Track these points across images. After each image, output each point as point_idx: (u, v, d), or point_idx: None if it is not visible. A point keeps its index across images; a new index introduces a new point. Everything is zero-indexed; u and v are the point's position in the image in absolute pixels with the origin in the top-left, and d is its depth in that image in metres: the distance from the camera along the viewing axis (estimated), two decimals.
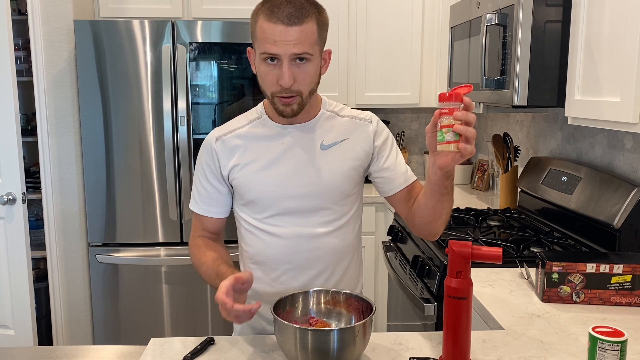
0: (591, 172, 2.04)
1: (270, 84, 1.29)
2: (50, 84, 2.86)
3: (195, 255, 1.43)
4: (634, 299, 1.48)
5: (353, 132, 1.41)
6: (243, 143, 1.40)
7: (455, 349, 1.13)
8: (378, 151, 1.42)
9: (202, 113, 2.84)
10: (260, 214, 1.40)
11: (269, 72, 1.28)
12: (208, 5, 3.07)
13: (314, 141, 1.39)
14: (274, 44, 1.24)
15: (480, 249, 1.12)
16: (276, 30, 1.24)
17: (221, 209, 1.45)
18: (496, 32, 1.97)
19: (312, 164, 1.37)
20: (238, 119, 1.45)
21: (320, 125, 1.40)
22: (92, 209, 2.87)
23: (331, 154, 1.39)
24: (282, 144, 1.38)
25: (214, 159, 1.42)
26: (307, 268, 1.40)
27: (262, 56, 1.27)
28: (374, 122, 1.44)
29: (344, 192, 1.40)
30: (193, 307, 2.96)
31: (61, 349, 1.40)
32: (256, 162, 1.38)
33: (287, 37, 1.24)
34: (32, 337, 2.82)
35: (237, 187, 1.41)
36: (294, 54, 1.25)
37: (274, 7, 1.24)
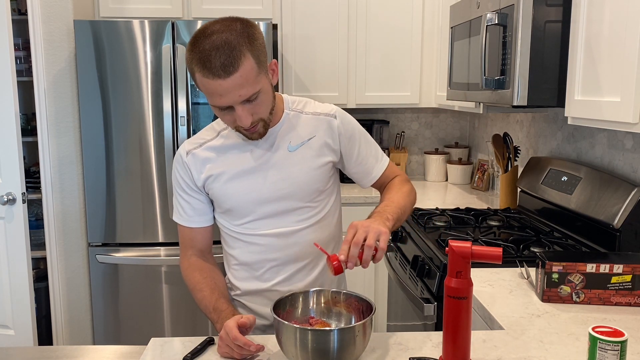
0: (591, 172, 2.04)
1: (230, 123, 1.31)
2: (50, 84, 2.86)
3: (190, 279, 1.44)
4: (634, 299, 1.48)
5: (318, 129, 1.43)
6: (213, 155, 1.41)
7: (455, 349, 1.13)
8: (346, 148, 1.45)
9: (202, 113, 2.84)
10: (239, 220, 1.43)
11: (225, 115, 1.29)
12: (208, 5, 3.07)
13: (281, 145, 1.40)
14: (222, 97, 1.23)
15: (480, 249, 1.12)
16: (216, 85, 1.20)
17: (206, 217, 1.47)
18: (496, 32, 1.97)
19: (282, 167, 1.40)
20: (206, 131, 1.46)
21: (285, 128, 1.42)
22: (92, 209, 2.87)
23: (300, 155, 1.41)
24: (251, 151, 1.40)
25: (187, 172, 1.43)
26: (290, 262, 1.44)
27: (215, 108, 1.28)
28: (339, 116, 1.45)
29: (317, 189, 1.43)
30: (193, 307, 2.96)
31: (61, 349, 1.40)
32: (228, 172, 1.40)
33: (229, 87, 1.21)
34: (32, 337, 2.82)
35: (214, 197, 1.44)
36: (243, 99, 1.24)
37: (205, 61, 1.19)
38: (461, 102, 2.70)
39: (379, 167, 1.51)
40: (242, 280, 1.48)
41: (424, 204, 2.83)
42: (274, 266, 1.44)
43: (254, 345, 1.18)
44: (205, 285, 1.40)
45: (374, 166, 1.50)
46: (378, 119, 3.60)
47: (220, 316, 1.30)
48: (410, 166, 3.71)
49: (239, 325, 1.20)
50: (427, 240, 2.07)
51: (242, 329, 1.21)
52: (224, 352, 1.21)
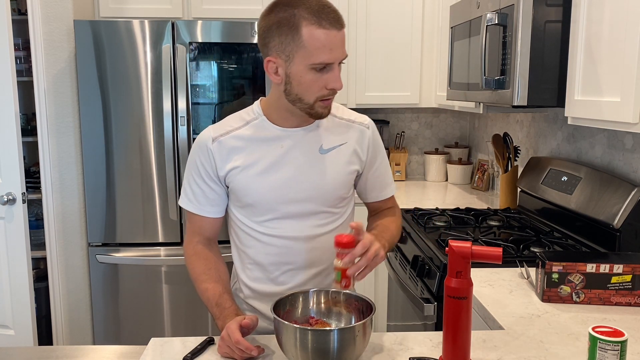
0: (591, 172, 2.04)
1: (317, 90, 1.26)
2: (50, 84, 2.86)
3: (193, 267, 1.41)
4: (634, 299, 1.48)
5: (351, 136, 1.41)
6: (241, 145, 1.36)
7: (455, 349, 1.13)
8: (370, 160, 1.45)
9: (202, 113, 2.84)
10: (259, 217, 1.39)
11: (317, 80, 1.25)
12: (208, 5, 3.07)
13: (313, 145, 1.37)
14: (330, 52, 1.21)
15: (480, 249, 1.12)
16: (331, 36, 1.20)
17: (218, 209, 1.43)
18: (496, 32, 1.97)
19: (311, 168, 1.36)
20: (233, 119, 1.41)
21: (320, 129, 1.39)
22: (92, 209, 2.87)
23: (330, 158, 1.38)
24: (281, 147, 1.36)
25: (209, 160, 1.37)
26: (305, 268, 1.41)
27: (315, 66, 1.23)
28: (371, 128, 1.45)
29: (341, 196, 1.41)
30: (193, 307, 2.96)
31: (61, 349, 1.40)
32: (255, 165, 1.35)
33: (338, 41, 1.22)
34: (32, 337, 2.82)
35: (235, 190, 1.38)
36: (341, 60, 1.25)
37: (321, 12, 1.20)
38: (461, 102, 2.70)
39: (391, 189, 1.52)
40: (256, 281, 1.45)
41: (424, 204, 2.83)
42: (290, 270, 1.41)
43: (256, 349, 1.17)
44: (208, 277, 1.37)
45: (387, 186, 1.51)
46: (378, 119, 3.60)
47: (222, 313, 1.29)
48: (410, 166, 3.71)
49: (241, 326, 1.19)
50: (427, 240, 2.07)
51: (244, 329, 1.20)
52: (225, 353, 1.21)
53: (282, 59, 1.26)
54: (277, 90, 1.33)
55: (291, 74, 1.26)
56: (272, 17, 1.25)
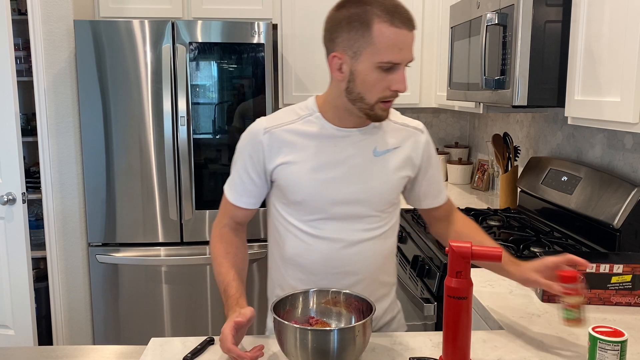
0: (591, 172, 2.04)
1: (380, 90, 1.23)
2: (50, 84, 2.86)
3: (214, 249, 1.39)
4: (634, 299, 1.48)
5: (405, 140, 1.38)
6: (294, 140, 1.32)
7: (455, 349, 1.13)
8: (424, 165, 1.41)
9: (202, 113, 2.84)
10: (306, 216, 1.34)
11: (382, 79, 1.22)
12: (208, 5, 3.07)
13: (367, 147, 1.33)
14: (400, 51, 1.19)
15: (480, 248, 1.12)
16: (402, 35, 1.18)
17: (253, 200, 1.39)
18: (496, 32, 1.97)
19: (363, 170, 1.33)
20: (286, 112, 1.36)
21: (374, 131, 1.35)
22: (92, 209, 2.87)
23: (383, 162, 1.34)
24: (334, 146, 1.32)
25: (258, 151, 1.33)
26: (347, 274, 1.36)
27: (382, 65, 1.20)
28: (425, 132, 1.42)
29: (390, 200, 1.37)
30: (193, 307, 2.96)
31: (61, 349, 1.40)
32: (306, 162, 1.31)
33: (408, 42, 1.20)
34: (32, 337, 2.82)
35: (282, 186, 1.34)
36: (408, 62, 1.22)
37: (394, 11, 1.18)
38: (461, 102, 2.70)
39: (445, 195, 1.49)
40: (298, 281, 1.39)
41: None
42: (330, 274, 1.35)
43: (248, 355, 1.14)
44: (225, 261, 1.35)
45: (441, 191, 1.48)
46: None
47: (227, 302, 1.27)
48: None
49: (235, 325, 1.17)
50: (427, 240, 2.07)
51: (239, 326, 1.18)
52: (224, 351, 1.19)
53: (348, 56, 1.23)
54: (337, 88, 1.29)
55: (356, 72, 1.23)
56: (344, 12, 1.22)
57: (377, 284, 1.40)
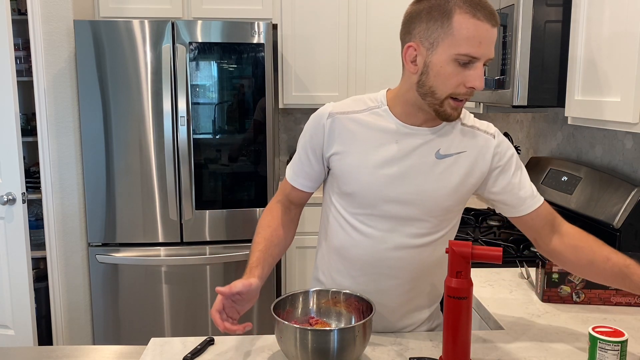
0: (591, 172, 2.04)
1: (454, 85, 1.18)
2: (50, 84, 2.86)
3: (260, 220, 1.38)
4: (634, 299, 1.48)
5: (472, 145, 1.30)
6: (357, 129, 1.28)
7: (455, 349, 1.13)
8: (496, 171, 1.32)
9: (202, 113, 2.84)
10: (355, 209, 1.30)
11: (458, 74, 1.17)
12: (208, 5, 3.07)
13: (430, 148, 1.27)
14: (479, 45, 1.14)
15: (480, 249, 1.12)
16: (483, 29, 1.13)
17: (309, 184, 1.37)
18: None
19: (423, 171, 1.27)
20: (355, 101, 1.32)
21: (441, 133, 1.28)
22: (92, 209, 2.87)
23: (445, 165, 1.27)
24: (396, 142, 1.27)
25: (319, 135, 1.30)
26: (388, 276, 1.32)
27: (459, 57, 1.15)
28: (497, 137, 1.32)
29: (447, 207, 1.30)
30: (193, 307, 2.96)
31: (61, 349, 1.40)
32: (364, 154, 1.27)
33: (490, 37, 1.15)
34: (32, 337, 2.82)
35: (337, 175, 1.31)
36: (488, 60, 1.17)
37: (476, 4, 1.14)
38: None
39: (534, 201, 1.33)
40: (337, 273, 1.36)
41: None
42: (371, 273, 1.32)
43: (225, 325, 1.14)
44: (262, 232, 1.34)
45: (524, 199, 1.32)
46: None
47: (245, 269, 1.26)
48: None
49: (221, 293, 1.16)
50: None
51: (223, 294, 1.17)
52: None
53: (424, 47, 1.19)
54: (409, 81, 1.25)
55: (431, 63, 1.18)
56: (425, 3, 1.19)
57: (417, 293, 1.35)
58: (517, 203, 1.32)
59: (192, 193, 2.87)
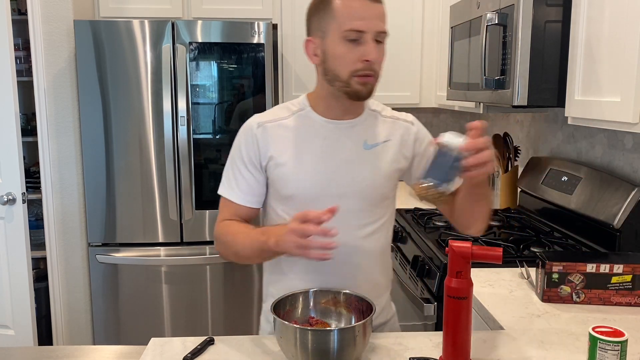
0: (591, 172, 2.04)
1: (350, 63, 1.24)
2: (50, 84, 2.86)
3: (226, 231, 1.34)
4: (634, 299, 1.48)
5: (395, 133, 1.39)
6: (284, 134, 1.34)
7: (455, 349, 1.13)
8: (420, 150, 1.41)
9: (202, 113, 2.84)
10: (297, 211, 1.29)
11: (350, 51, 1.24)
12: (208, 5, 3.07)
13: (357, 139, 1.35)
14: (362, 19, 1.22)
15: (480, 249, 1.12)
16: (361, 4, 1.22)
17: (258, 199, 1.38)
18: (496, 32, 1.97)
19: (354, 162, 1.33)
20: (279, 109, 1.39)
21: (364, 124, 1.37)
22: (92, 209, 2.87)
23: (374, 154, 1.35)
24: (324, 139, 1.33)
25: (254, 145, 1.35)
26: (339, 271, 1.34)
27: (346, 34, 1.23)
28: (416, 124, 1.43)
29: (383, 194, 1.37)
30: (193, 307, 2.96)
31: (61, 349, 1.40)
32: (296, 156, 1.32)
33: (372, 12, 1.23)
34: (32, 337, 2.82)
35: (274, 181, 1.35)
36: (378, 32, 1.24)
37: None
38: (461, 102, 2.70)
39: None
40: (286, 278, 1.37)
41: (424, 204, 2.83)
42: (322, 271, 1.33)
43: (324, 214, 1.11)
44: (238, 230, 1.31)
45: None
46: None
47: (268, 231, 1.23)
48: None
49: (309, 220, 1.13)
50: (427, 240, 2.07)
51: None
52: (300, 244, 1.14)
53: (319, 38, 1.28)
54: (319, 75, 1.33)
55: (327, 49, 1.27)
56: (313, 1, 1.30)
57: (370, 284, 1.38)
58: None
59: (192, 193, 2.87)
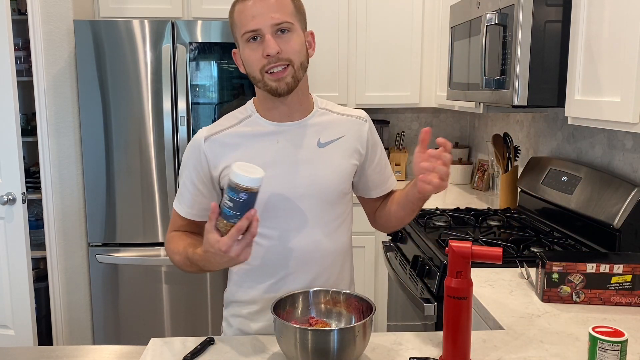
0: (591, 172, 2.04)
1: (256, 62, 1.26)
2: (50, 84, 2.86)
3: (168, 248, 1.39)
4: (634, 299, 1.48)
5: (349, 130, 1.40)
6: (235, 142, 1.33)
7: (455, 349, 1.13)
8: (370, 154, 1.43)
9: (202, 113, 2.84)
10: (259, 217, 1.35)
11: (253, 51, 1.26)
12: (208, 5, 3.07)
13: (310, 138, 1.35)
14: (253, 18, 1.24)
15: (480, 249, 1.12)
16: (249, 6, 1.25)
17: (204, 213, 1.35)
18: (496, 32, 1.97)
19: (309, 162, 1.33)
20: (227, 118, 1.38)
21: (315, 123, 1.37)
22: (92, 209, 2.87)
23: (329, 152, 1.35)
24: (277, 142, 1.33)
25: (201, 161, 1.33)
26: (303, 273, 1.35)
27: (245, 37, 1.26)
28: (368, 121, 1.44)
29: (341, 191, 1.37)
30: (193, 307, 2.96)
31: (61, 349, 1.40)
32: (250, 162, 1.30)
33: (262, 8, 1.24)
34: (32, 337, 2.82)
35: None
36: (274, 25, 1.24)
37: None
38: (461, 102, 2.70)
39: (393, 181, 1.50)
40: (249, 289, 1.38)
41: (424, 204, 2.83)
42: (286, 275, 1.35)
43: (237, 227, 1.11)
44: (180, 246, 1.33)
45: (389, 177, 1.49)
46: (378, 118, 3.60)
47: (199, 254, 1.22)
48: (410, 166, 3.71)
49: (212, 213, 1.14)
50: (427, 240, 2.07)
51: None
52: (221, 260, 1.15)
53: (237, 48, 1.34)
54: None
55: (242, 55, 1.31)
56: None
57: (335, 281, 1.39)
58: (384, 181, 1.47)
59: None
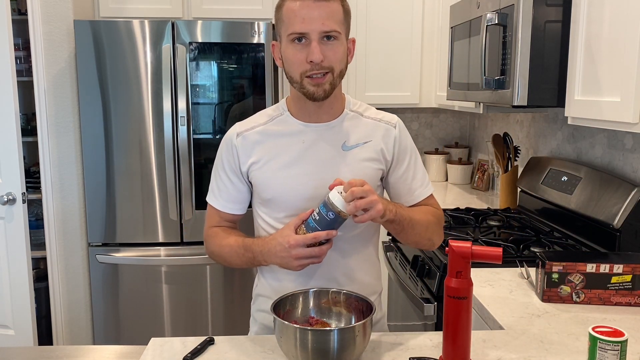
0: (591, 172, 2.04)
1: (298, 64, 1.26)
2: (50, 84, 2.86)
3: (213, 242, 1.40)
4: (634, 299, 1.48)
5: (376, 134, 1.38)
6: (263, 139, 1.36)
7: (455, 349, 1.13)
8: (397, 159, 1.40)
9: (202, 113, 2.84)
10: (278, 213, 1.36)
11: (297, 52, 1.25)
12: (208, 5, 3.07)
13: (336, 141, 1.35)
14: (303, 21, 1.23)
15: (480, 249, 1.12)
16: (303, 7, 1.23)
17: (240, 206, 1.42)
18: (496, 32, 1.97)
19: (333, 164, 1.34)
20: (260, 115, 1.42)
21: (343, 125, 1.37)
22: (92, 209, 2.87)
23: (353, 156, 1.35)
24: (303, 142, 1.34)
25: (233, 156, 1.38)
26: (322, 274, 1.35)
27: (290, 37, 1.25)
28: (398, 127, 1.42)
29: None
30: (193, 307, 2.96)
31: (61, 349, 1.40)
32: (276, 160, 1.34)
33: (314, 13, 1.22)
34: (32, 337, 2.82)
35: (255, 185, 1.38)
36: (322, 32, 1.23)
37: None
38: (461, 102, 2.70)
39: (423, 192, 1.42)
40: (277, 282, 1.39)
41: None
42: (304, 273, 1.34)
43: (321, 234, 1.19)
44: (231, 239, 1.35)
45: (417, 188, 1.41)
46: None
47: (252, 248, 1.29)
48: None
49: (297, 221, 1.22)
50: None
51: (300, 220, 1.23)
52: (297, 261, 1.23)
53: (278, 41, 1.32)
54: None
55: (283, 53, 1.30)
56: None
57: (357, 286, 1.36)
58: (413, 189, 1.41)
59: (192, 193, 2.87)
